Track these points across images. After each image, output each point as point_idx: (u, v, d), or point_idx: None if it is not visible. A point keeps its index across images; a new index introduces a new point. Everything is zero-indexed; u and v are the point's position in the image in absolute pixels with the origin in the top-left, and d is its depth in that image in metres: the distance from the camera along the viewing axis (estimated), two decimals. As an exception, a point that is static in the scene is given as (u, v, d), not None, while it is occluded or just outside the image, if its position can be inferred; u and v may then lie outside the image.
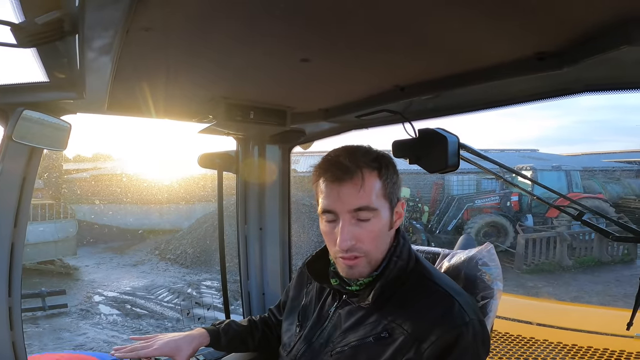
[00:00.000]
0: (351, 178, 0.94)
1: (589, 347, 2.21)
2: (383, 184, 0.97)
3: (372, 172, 0.96)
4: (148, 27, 0.79)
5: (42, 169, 12.57)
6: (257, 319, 1.37)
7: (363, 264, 0.98)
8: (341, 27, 0.83)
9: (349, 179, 0.94)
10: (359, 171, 0.94)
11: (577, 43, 0.85)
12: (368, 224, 0.96)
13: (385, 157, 1.01)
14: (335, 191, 0.95)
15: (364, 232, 0.96)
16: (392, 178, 0.99)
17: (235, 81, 1.22)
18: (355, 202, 0.94)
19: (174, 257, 12.51)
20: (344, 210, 0.95)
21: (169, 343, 1.18)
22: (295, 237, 2.15)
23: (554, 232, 10.95)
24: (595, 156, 20.67)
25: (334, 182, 0.96)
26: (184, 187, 15.89)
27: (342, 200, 0.95)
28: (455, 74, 1.08)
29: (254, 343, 1.31)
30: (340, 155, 0.98)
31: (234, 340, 1.28)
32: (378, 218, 0.96)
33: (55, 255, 11.10)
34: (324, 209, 0.98)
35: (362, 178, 0.94)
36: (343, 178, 0.94)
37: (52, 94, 1.17)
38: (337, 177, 0.95)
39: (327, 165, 0.98)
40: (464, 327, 0.90)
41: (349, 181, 0.94)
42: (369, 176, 0.95)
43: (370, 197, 0.95)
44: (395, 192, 1.00)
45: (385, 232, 0.99)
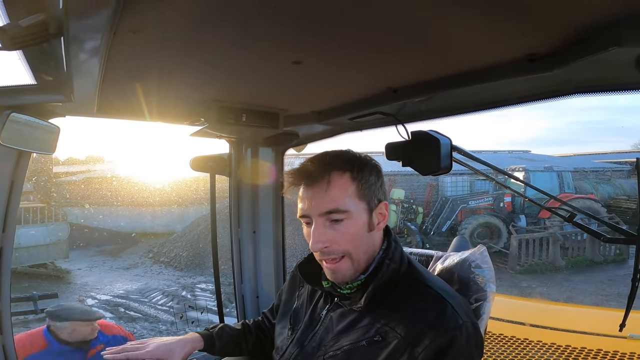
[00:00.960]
0: (317, 182, 0.97)
1: (582, 348, 2.22)
2: (357, 186, 0.98)
3: (343, 175, 0.97)
4: (136, 30, 0.78)
5: (31, 173, 12.46)
6: (250, 322, 1.36)
7: (346, 266, 0.99)
8: (333, 29, 0.83)
9: (315, 184, 0.97)
10: (327, 175, 0.97)
11: (567, 45, 0.85)
12: (341, 225, 0.97)
13: (360, 159, 1.02)
14: (306, 195, 0.98)
15: (338, 234, 0.97)
16: (369, 179, 1.00)
17: (227, 84, 1.21)
18: (323, 205, 0.96)
19: (168, 260, 12.44)
20: (315, 213, 0.97)
21: (162, 346, 1.16)
22: (289, 240, 2.15)
23: (546, 232, 11.05)
24: (586, 157, 20.88)
25: (303, 187, 0.99)
26: (177, 190, 15.81)
27: (312, 203, 0.97)
28: (447, 76, 1.08)
29: (247, 347, 1.30)
30: (309, 162, 1.01)
31: (228, 344, 1.27)
32: (352, 220, 0.97)
33: (46, 259, 11.01)
34: (300, 214, 1.01)
35: (328, 181, 0.96)
36: (309, 183, 0.98)
37: (39, 96, 1.15)
38: (305, 183, 0.98)
39: (296, 172, 1.00)
40: (458, 330, 0.90)
41: (315, 185, 0.97)
42: (339, 178, 0.97)
43: (340, 199, 0.96)
44: (373, 193, 1.00)
45: (363, 233, 0.99)
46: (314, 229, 0.97)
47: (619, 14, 0.72)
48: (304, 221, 1.01)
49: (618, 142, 75.07)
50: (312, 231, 0.97)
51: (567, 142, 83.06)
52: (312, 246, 0.98)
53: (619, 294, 8.32)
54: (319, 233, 0.97)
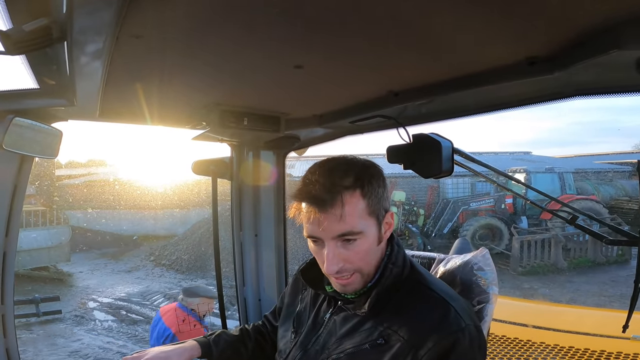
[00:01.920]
0: (332, 207, 0.91)
1: (585, 349, 2.21)
2: (367, 203, 0.94)
3: (354, 194, 0.93)
4: (138, 35, 0.79)
5: (33, 176, 12.47)
6: (249, 327, 1.36)
7: (357, 281, 0.98)
8: (334, 33, 0.83)
9: (330, 207, 0.91)
10: (339, 197, 0.91)
11: (567, 48, 0.85)
12: (354, 245, 0.94)
13: (367, 171, 0.97)
14: (317, 219, 0.92)
15: (352, 254, 0.94)
16: (377, 192, 0.96)
17: (228, 88, 1.22)
18: (338, 229, 0.92)
19: (169, 263, 12.44)
20: (328, 237, 0.93)
21: (160, 355, 1.16)
22: (291, 243, 2.15)
23: (548, 234, 11.02)
24: (587, 158, 20.85)
25: (315, 210, 0.92)
26: (178, 193, 15.82)
27: (324, 228, 0.92)
28: (448, 79, 1.08)
29: (247, 352, 1.30)
30: (318, 182, 0.94)
31: (226, 350, 1.26)
32: (364, 238, 0.94)
33: (48, 262, 11.02)
34: (308, 235, 0.97)
35: (342, 205, 0.91)
36: (323, 206, 0.91)
37: (42, 100, 1.16)
38: (318, 205, 0.92)
39: (305, 194, 0.94)
40: (460, 332, 0.90)
41: (330, 209, 0.91)
42: (350, 199, 0.92)
43: (353, 222, 0.92)
44: (381, 205, 0.97)
45: (374, 247, 0.97)
46: (328, 252, 0.94)
47: (619, 17, 0.72)
48: (312, 241, 0.97)
49: (619, 143, 74.98)
50: (327, 255, 0.94)
51: (569, 143, 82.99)
52: (327, 269, 0.94)
53: (622, 295, 8.29)
54: (332, 255, 0.93)
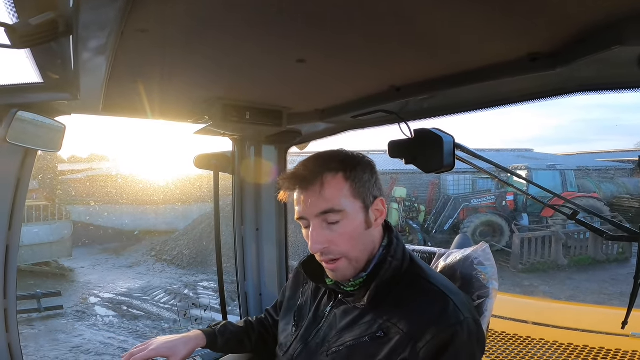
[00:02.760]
0: (311, 184, 0.98)
1: (585, 346, 2.22)
2: (351, 185, 0.99)
3: (337, 175, 0.98)
4: (143, 29, 0.79)
5: (36, 170, 12.49)
6: (253, 319, 1.37)
7: (344, 266, 1.00)
8: (337, 28, 0.84)
9: (309, 185, 0.98)
10: (320, 176, 0.98)
11: (569, 44, 0.85)
12: (338, 226, 0.98)
13: (353, 158, 1.03)
14: (301, 198, 0.99)
15: (335, 235, 0.98)
16: (362, 177, 1.00)
17: (231, 82, 1.22)
18: (319, 206, 0.97)
19: (171, 258, 12.47)
20: (311, 215, 0.98)
21: (165, 344, 1.18)
22: (292, 238, 2.16)
23: (549, 231, 11.02)
24: (589, 155, 20.79)
25: (298, 190, 1.00)
26: (180, 187, 15.84)
27: (307, 205, 0.98)
28: (450, 74, 1.08)
29: (250, 344, 1.31)
30: (302, 165, 1.02)
31: (231, 341, 1.28)
32: (348, 219, 0.98)
33: (50, 257, 11.03)
34: (297, 217, 1.03)
35: (321, 183, 0.97)
36: (303, 186, 0.99)
37: (46, 94, 1.16)
38: (299, 186, 1.00)
39: (289, 177, 1.01)
40: (459, 326, 0.90)
41: (309, 188, 0.98)
42: (332, 179, 0.98)
43: (334, 200, 0.97)
44: (368, 190, 1.01)
45: (361, 232, 1.00)
46: (312, 231, 0.99)
47: (621, 13, 0.72)
48: (302, 224, 1.03)
49: (621, 141, 74.78)
50: (310, 233, 0.99)
51: (571, 140, 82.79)
52: (311, 247, 0.99)
53: (622, 293, 8.30)
54: (317, 234, 0.98)
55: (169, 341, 1.19)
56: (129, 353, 1.17)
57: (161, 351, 1.16)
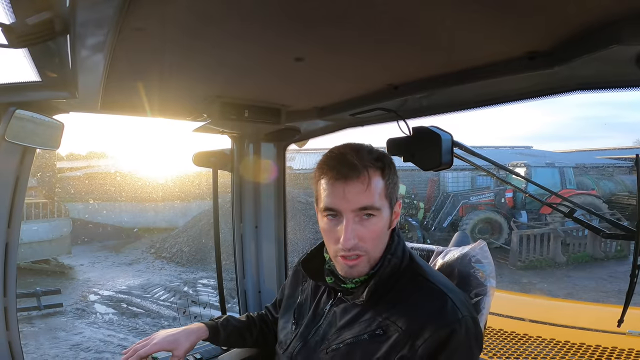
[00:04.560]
0: (358, 177, 0.93)
1: (581, 344, 2.22)
2: (385, 184, 0.97)
3: (377, 172, 0.96)
4: (141, 27, 0.79)
5: (35, 168, 12.45)
6: (254, 315, 1.38)
7: (363, 264, 0.99)
8: (335, 27, 0.84)
9: (355, 177, 0.93)
10: (366, 170, 0.94)
11: (567, 42, 0.85)
12: (371, 223, 0.95)
13: (387, 157, 1.01)
14: (341, 189, 0.93)
15: (367, 232, 0.95)
16: (393, 178, 1.00)
17: (229, 80, 1.22)
18: (361, 201, 0.93)
19: (170, 255, 12.47)
20: (348, 209, 0.94)
21: (167, 337, 1.18)
22: (291, 235, 2.16)
23: (547, 228, 11.03)
24: (588, 153, 20.82)
25: (339, 179, 0.94)
26: (179, 185, 15.82)
27: (347, 198, 0.93)
28: (448, 72, 1.08)
29: (251, 339, 1.32)
30: (347, 153, 0.96)
31: (233, 334, 1.28)
32: (380, 217, 0.96)
33: (49, 255, 11.00)
34: (326, 207, 0.96)
35: (369, 177, 0.94)
36: (349, 176, 0.93)
37: (44, 93, 1.16)
38: (344, 175, 0.93)
39: (333, 162, 0.96)
40: (457, 323, 0.91)
41: (355, 179, 0.93)
42: (374, 175, 0.95)
43: (374, 197, 0.94)
44: (395, 192, 1.01)
45: (385, 231, 1.00)
46: (347, 225, 0.94)
47: (619, 12, 0.73)
48: (329, 215, 0.97)
49: (620, 138, 74.88)
50: (345, 227, 0.94)
51: (570, 137, 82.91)
52: (344, 242, 0.94)
53: (619, 291, 8.32)
54: (351, 229, 0.94)
55: (171, 334, 1.19)
56: (132, 349, 1.17)
57: (163, 345, 1.17)
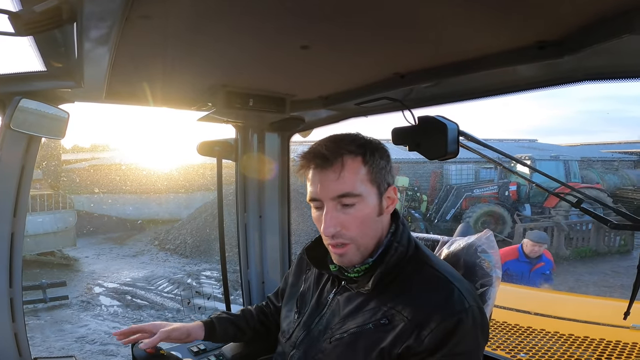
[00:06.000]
0: (331, 165, 0.96)
1: (585, 337, 2.22)
2: (368, 170, 0.98)
3: (356, 158, 0.97)
4: (147, 15, 0.78)
5: (40, 158, 12.47)
6: (252, 308, 1.38)
7: (352, 252, 1.00)
8: (341, 14, 0.83)
9: (329, 166, 0.96)
10: (340, 158, 0.96)
11: (578, 32, 0.84)
12: (352, 209, 0.97)
13: (371, 143, 1.01)
14: (317, 179, 0.98)
15: (349, 218, 0.97)
16: (379, 163, 1.00)
17: (234, 69, 1.22)
18: (337, 188, 0.96)
19: (174, 247, 12.53)
20: (327, 197, 0.97)
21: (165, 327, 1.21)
22: (295, 225, 2.17)
23: (551, 221, 11.00)
24: (593, 146, 20.69)
25: (315, 169, 0.98)
26: (183, 174, 15.84)
27: (324, 187, 0.97)
28: (455, 61, 1.07)
29: (250, 330, 1.32)
30: (322, 144, 1.00)
31: (228, 328, 1.29)
32: (363, 204, 0.97)
33: (55, 247, 11.01)
34: (310, 197, 1.01)
35: (342, 164, 0.96)
36: (323, 166, 0.97)
37: (49, 82, 1.16)
38: (318, 165, 0.98)
39: (309, 154, 1.00)
40: (464, 313, 0.91)
41: (329, 168, 0.96)
42: (352, 162, 0.97)
43: (352, 183, 0.96)
44: (383, 177, 1.00)
45: (372, 217, 0.99)
46: (326, 213, 0.97)
47: (632, 2, 0.71)
48: (314, 205, 1.01)
49: (625, 132, 74.23)
50: (325, 215, 0.97)
51: (575, 131, 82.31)
52: (324, 230, 0.98)
53: (622, 285, 8.30)
54: (330, 217, 0.97)
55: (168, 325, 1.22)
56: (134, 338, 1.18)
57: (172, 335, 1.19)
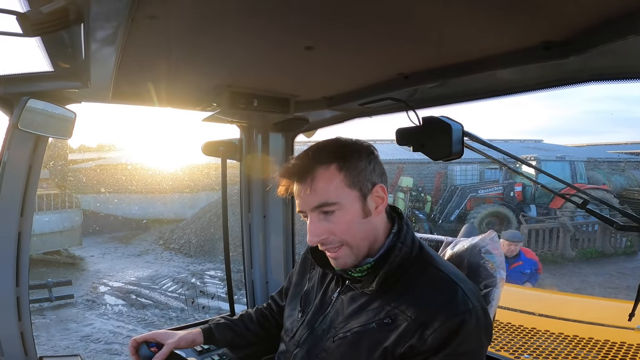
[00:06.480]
0: (303, 179, 0.98)
1: (590, 339, 2.21)
2: (345, 175, 0.98)
3: (329, 167, 0.98)
4: (153, 15, 0.79)
5: (47, 158, 12.56)
6: (252, 311, 1.39)
7: (346, 254, 1.01)
8: (345, 15, 0.83)
9: (302, 181, 0.99)
10: (310, 170, 0.98)
11: (583, 32, 0.84)
12: (334, 216, 0.98)
13: (347, 147, 1.02)
14: (297, 192, 1.01)
15: (333, 225, 0.98)
16: (357, 166, 0.99)
17: (239, 69, 1.22)
18: (312, 200, 0.98)
19: (178, 246, 12.58)
20: (307, 209, 1.00)
21: (164, 332, 1.21)
22: (299, 225, 2.17)
23: (557, 222, 10.94)
24: (600, 147, 20.53)
25: (295, 184, 1.01)
26: (188, 175, 15.90)
27: (303, 200, 1.00)
28: (460, 62, 1.07)
29: (250, 333, 1.32)
30: (296, 159, 1.02)
31: (226, 333, 1.29)
32: (344, 210, 0.98)
33: (61, 246, 11.10)
34: (298, 210, 1.04)
35: (311, 177, 0.97)
36: (298, 179, 1.00)
37: (56, 83, 1.18)
38: (294, 180, 1.01)
39: (284, 170, 1.02)
40: (468, 313, 0.91)
41: (302, 182, 0.99)
42: (324, 172, 0.98)
43: (326, 193, 0.97)
44: (365, 178, 1.00)
45: (358, 220, 0.99)
46: (309, 224, 1.00)
47: (637, 3, 0.71)
48: (302, 215, 1.04)
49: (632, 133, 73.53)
50: (309, 225, 1.00)
51: (580, 132, 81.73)
52: (308, 240, 1.00)
53: (628, 287, 8.24)
54: (314, 227, 0.99)
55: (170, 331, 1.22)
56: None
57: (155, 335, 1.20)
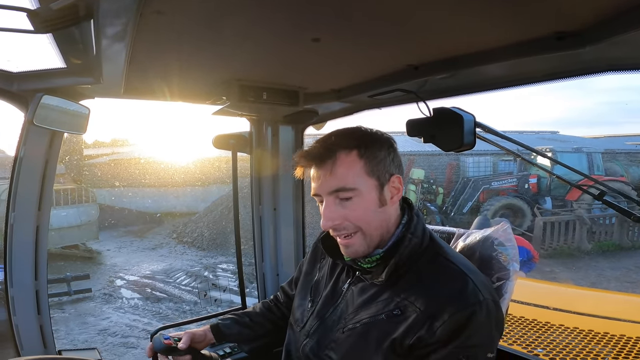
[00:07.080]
0: (324, 162, 0.99)
1: (605, 333, 2.17)
2: (365, 162, 0.98)
3: (350, 152, 0.99)
4: (160, 10, 0.79)
5: (63, 153, 12.77)
6: (259, 304, 1.41)
7: (358, 242, 1.01)
8: (353, 6, 0.82)
9: (322, 163, 0.99)
10: (332, 154, 0.98)
11: (597, 23, 0.82)
12: (350, 202, 0.98)
13: (369, 136, 1.02)
14: (316, 175, 1.01)
15: (348, 211, 0.99)
16: (377, 155, 1.00)
17: (248, 63, 1.22)
18: (330, 184, 0.98)
19: (191, 240, 12.73)
20: (324, 192, 1.00)
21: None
22: (309, 217, 2.18)
23: (573, 215, 10.73)
24: (618, 139, 20.01)
25: (314, 167, 1.02)
26: (200, 168, 16.03)
27: (320, 183, 1.00)
28: (470, 52, 1.05)
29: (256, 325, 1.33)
30: (317, 142, 1.03)
31: (233, 326, 1.30)
32: (361, 197, 0.98)
33: (78, 240, 11.24)
34: (312, 193, 1.04)
35: (334, 161, 0.98)
36: (317, 163, 1.00)
37: (69, 79, 1.20)
38: (313, 163, 1.01)
39: (304, 154, 1.02)
40: (478, 306, 0.90)
41: (322, 165, 0.99)
42: (346, 157, 0.98)
43: (346, 178, 0.97)
44: (384, 168, 1.00)
45: (374, 209, 1.00)
46: (325, 208, 1.00)
47: None
48: (317, 200, 1.04)
49: (653, 123, 71.37)
50: (324, 209, 1.00)
51: (596, 123, 79.89)
52: (322, 224, 1.01)
53: (645, 282, 8.08)
54: (329, 211, 0.99)
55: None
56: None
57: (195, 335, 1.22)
